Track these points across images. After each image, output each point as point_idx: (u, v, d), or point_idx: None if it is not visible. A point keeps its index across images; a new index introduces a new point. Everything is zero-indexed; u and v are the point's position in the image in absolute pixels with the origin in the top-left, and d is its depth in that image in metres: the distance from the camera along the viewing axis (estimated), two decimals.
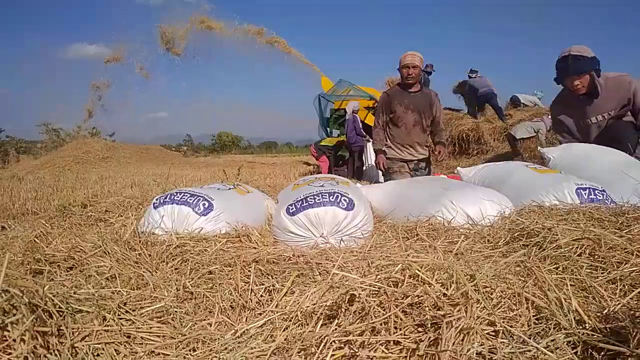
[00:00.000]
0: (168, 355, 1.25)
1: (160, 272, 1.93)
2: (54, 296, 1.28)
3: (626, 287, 1.45)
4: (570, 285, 1.41)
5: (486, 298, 1.23)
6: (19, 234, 2.71)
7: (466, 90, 11.20)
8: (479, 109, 11.09)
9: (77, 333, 1.22)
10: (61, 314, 1.25)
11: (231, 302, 1.64)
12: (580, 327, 1.19)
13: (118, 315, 1.39)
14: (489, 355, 1.07)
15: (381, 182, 4.43)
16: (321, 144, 9.41)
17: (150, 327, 1.39)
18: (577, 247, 1.75)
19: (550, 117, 8.79)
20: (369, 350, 1.05)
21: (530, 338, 1.14)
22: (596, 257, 1.70)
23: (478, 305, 1.17)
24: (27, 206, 5.41)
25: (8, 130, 19.24)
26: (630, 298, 1.34)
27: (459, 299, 1.15)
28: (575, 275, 1.53)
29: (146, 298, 1.60)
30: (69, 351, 1.13)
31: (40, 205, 5.43)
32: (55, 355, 1.11)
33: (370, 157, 8.70)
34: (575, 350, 1.12)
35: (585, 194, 2.54)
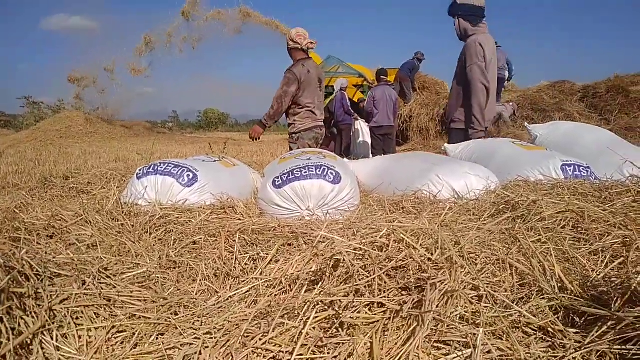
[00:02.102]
0: (149, 318, 1.23)
1: (143, 242, 1.90)
2: (31, 260, 1.24)
3: (607, 258, 1.46)
4: (554, 255, 1.42)
5: (471, 263, 1.23)
6: None
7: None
8: None
9: (56, 296, 1.19)
10: (39, 277, 1.22)
11: (215, 271, 1.62)
12: (563, 293, 1.20)
13: (98, 279, 1.36)
14: (472, 318, 1.07)
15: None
16: None
17: (132, 292, 1.36)
18: (561, 220, 1.77)
19: (512, 103, 8.89)
20: (353, 312, 1.05)
21: (513, 303, 1.14)
22: (579, 229, 1.71)
23: (462, 270, 1.17)
24: (7, 180, 5.29)
25: None
26: (611, 269, 1.36)
27: (443, 263, 1.15)
28: (559, 247, 1.54)
29: (128, 264, 1.58)
30: (46, 313, 1.11)
31: (22, 179, 5.31)
32: (32, 316, 1.08)
33: (360, 134, 8.66)
34: (557, 315, 1.13)
35: (570, 170, 2.57)
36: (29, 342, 1.05)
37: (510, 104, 8.92)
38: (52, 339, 1.10)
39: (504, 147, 3.11)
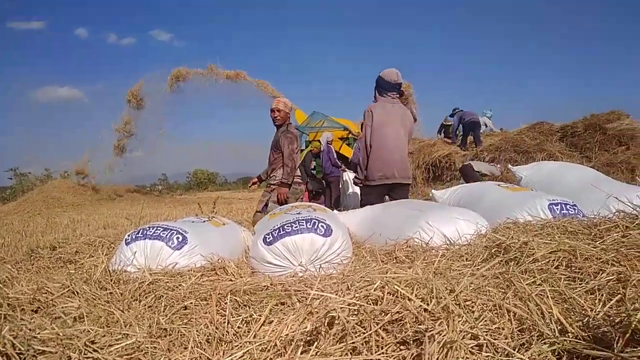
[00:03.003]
0: None
1: (132, 310, 1.84)
2: (13, 338, 1.19)
3: (604, 295, 1.45)
4: (551, 297, 1.41)
5: (468, 311, 1.21)
6: None
7: (456, 121, 11.59)
8: (463, 136, 11.50)
9: None
10: (21, 356, 1.17)
11: (207, 336, 1.57)
12: (564, 336, 1.17)
13: (85, 354, 1.30)
14: None
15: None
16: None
17: None
18: (554, 260, 1.77)
19: (498, 166, 9.14)
20: None
21: (515, 350, 1.11)
22: (573, 268, 1.71)
23: (460, 318, 1.15)
24: None
25: None
26: (609, 307, 1.34)
27: (440, 313, 1.13)
28: (554, 287, 1.53)
29: (116, 335, 1.52)
30: None
31: (8, 252, 5.19)
32: None
33: (349, 186, 8.72)
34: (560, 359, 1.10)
35: (557, 209, 2.59)
36: None
37: (498, 166, 9.15)
38: None
39: (490, 190, 3.15)
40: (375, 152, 3.69)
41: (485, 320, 1.23)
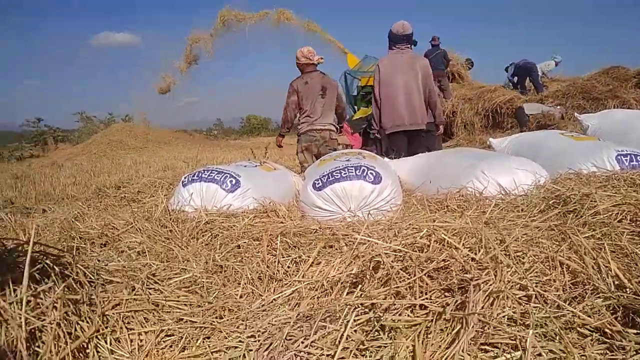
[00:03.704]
0: (195, 322, 1.26)
1: (190, 247, 1.96)
2: (85, 267, 1.31)
3: None
4: (610, 251, 1.34)
5: (517, 262, 1.18)
6: (58, 216, 2.81)
7: (510, 71, 11.07)
8: (519, 82, 10.92)
9: (108, 302, 1.25)
10: (92, 284, 1.28)
11: (259, 274, 1.65)
12: (621, 292, 1.12)
13: (147, 285, 1.41)
14: (521, 319, 1.03)
15: None
16: (354, 118, 9.21)
17: (178, 296, 1.41)
18: (618, 213, 1.66)
19: (559, 107, 8.50)
20: (394, 315, 1.03)
21: (565, 302, 1.09)
22: (638, 223, 1.60)
23: (509, 269, 1.12)
24: (67, 191, 5.60)
25: (46, 119, 19.78)
26: None
27: (488, 263, 1.11)
28: (616, 242, 1.45)
29: (175, 270, 1.63)
30: (99, 318, 1.16)
31: (79, 190, 5.61)
32: (87, 321, 1.14)
33: None
34: (615, 315, 1.06)
35: (626, 160, 2.41)
36: (84, 346, 1.11)
37: (558, 107, 8.55)
38: (106, 342, 1.15)
39: (552, 139, 2.96)
40: (385, 103, 3.92)
41: (536, 272, 1.20)
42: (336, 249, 1.71)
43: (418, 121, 3.90)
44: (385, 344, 1.00)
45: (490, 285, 1.02)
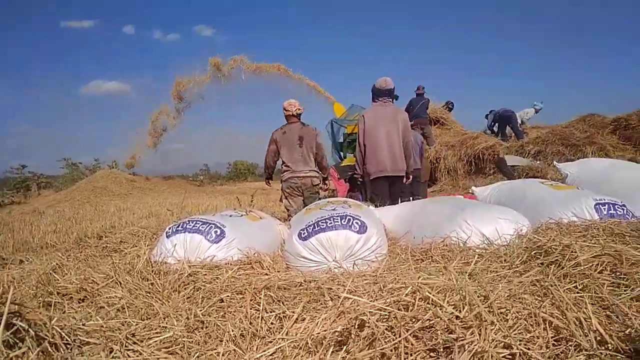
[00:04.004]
0: None
1: (171, 301, 1.91)
2: (61, 328, 1.27)
3: None
4: (591, 304, 1.35)
5: (501, 319, 1.18)
6: (36, 267, 2.74)
7: (490, 118, 11.49)
8: (499, 130, 11.30)
9: None
10: (68, 346, 1.24)
11: (242, 330, 1.61)
12: (603, 348, 1.13)
13: (125, 346, 1.37)
14: None
15: None
16: (342, 165, 9.30)
17: (158, 358, 1.36)
18: (598, 264, 1.69)
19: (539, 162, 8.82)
20: None
21: None
22: (618, 273, 1.63)
23: (492, 327, 1.12)
24: (46, 239, 5.47)
25: (31, 166, 19.54)
26: None
27: (472, 321, 1.11)
28: (596, 294, 1.46)
29: (155, 328, 1.58)
30: None
31: (59, 238, 5.49)
32: None
33: None
34: None
35: (604, 209, 2.47)
36: None
37: (538, 162, 8.86)
38: None
39: (533, 188, 3.04)
40: (369, 151, 4.25)
41: (520, 329, 1.20)
42: (321, 304, 1.69)
43: (399, 168, 4.22)
44: None
45: (475, 345, 1.02)
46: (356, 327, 1.22)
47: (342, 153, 10.08)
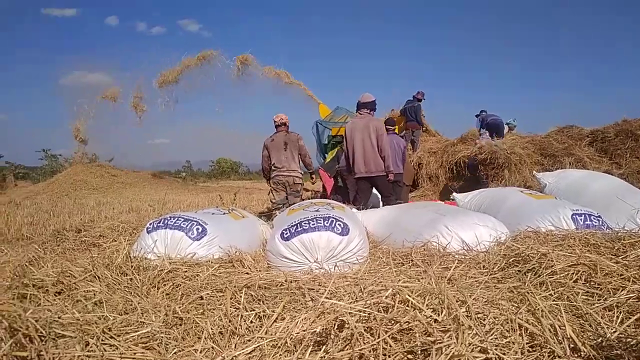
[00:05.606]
0: None
1: (150, 297, 1.90)
2: (36, 321, 1.25)
3: (622, 314, 1.42)
4: (565, 312, 1.39)
5: (478, 324, 1.20)
6: (11, 259, 2.68)
7: (478, 123, 11.62)
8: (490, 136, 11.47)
9: (58, 359, 1.18)
10: (42, 338, 1.22)
11: (220, 328, 1.60)
12: (576, 355, 1.16)
13: (102, 340, 1.35)
14: None
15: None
16: (326, 162, 9.30)
17: (135, 353, 1.35)
18: (573, 273, 1.73)
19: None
20: None
21: None
22: (592, 283, 1.67)
23: (470, 331, 1.14)
24: (22, 231, 5.36)
25: (7, 156, 19.03)
26: (627, 325, 1.32)
27: (450, 324, 1.13)
28: (571, 302, 1.50)
29: (133, 323, 1.56)
30: None
31: (36, 231, 5.38)
32: None
33: None
34: None
35: (580, 219, 2.53)
36: None
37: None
38: None
39: (513, 196, 3.09)
40: (351, 156, 4.93)
41: (496, 334, 1.22)
42: (301, 304, 1.69)
43: (372, 170, 4.81)
44: None
45: (452, 348, 1.04)
46: (335, 327, 1.23)
47: (326, 155, 10.09)
